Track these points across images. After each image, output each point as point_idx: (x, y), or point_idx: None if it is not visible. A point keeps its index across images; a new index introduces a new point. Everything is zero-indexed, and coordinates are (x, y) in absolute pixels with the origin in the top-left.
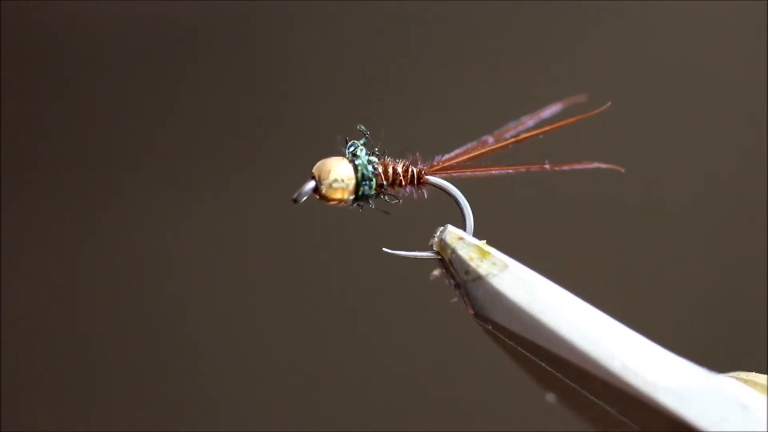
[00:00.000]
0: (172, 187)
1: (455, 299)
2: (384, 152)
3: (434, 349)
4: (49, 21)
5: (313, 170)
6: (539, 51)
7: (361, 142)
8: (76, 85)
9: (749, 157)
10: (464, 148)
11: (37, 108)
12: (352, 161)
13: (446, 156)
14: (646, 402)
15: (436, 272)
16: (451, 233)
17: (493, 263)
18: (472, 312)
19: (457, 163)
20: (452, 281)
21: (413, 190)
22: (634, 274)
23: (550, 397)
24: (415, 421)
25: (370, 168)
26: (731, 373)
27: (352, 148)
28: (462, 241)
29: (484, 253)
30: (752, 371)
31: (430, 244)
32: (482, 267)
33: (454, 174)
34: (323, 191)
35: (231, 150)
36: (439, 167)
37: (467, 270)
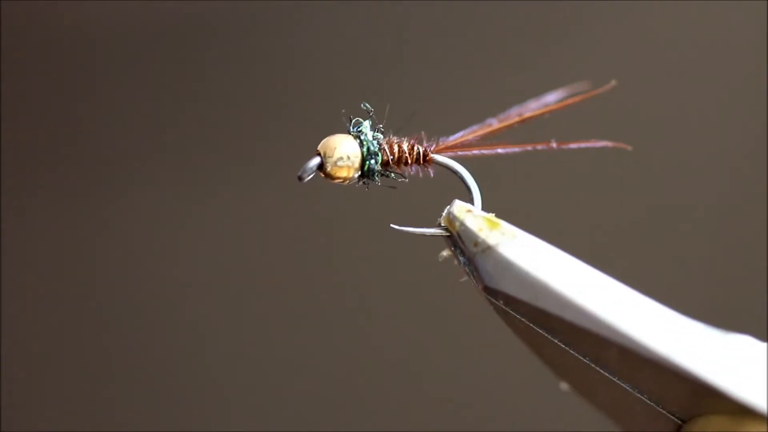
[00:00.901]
0: (174, 185)
1: (464, 278)
2: (389, 132)
3: (442, 344)
4: (50, 21)
5: (318, 147)
6: (544, 36)
7: (368, 124)
8: (77, 85)
9: (752, 134)
10: (469, 130)
11: (38, 107)
12: (357, 137)
13: (451, 138)
14: (664, 365)
15: (445, 252)
16: (459, 206)
17: (503, 233)
18: (482, 287)
19: (462, 142)
20: (461, 257)
21: (419, 169)
22: (638, 247)
23: (564, 386)
24: (424, 416)
25: (375, 143)
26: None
27: (358, 127)
28: (470, 213)
29: (493, 224)
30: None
31: (438, 222)
32: (492, 237)
33: (459, 153)
34: (328, 169)
35: (233, 146)
36: (444, 146)
37: (476, 241)
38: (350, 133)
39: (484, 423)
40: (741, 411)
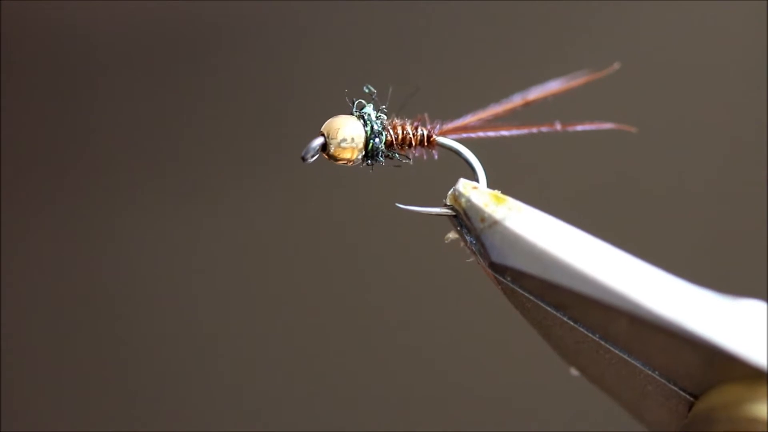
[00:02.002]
0: (178, 188)
1: (471, 259)
2: (392, 114)
3: (452, 339)
4: (50, 21)
5: (322, 128)
6: (549, 22)
7: (372, 105)
8: (78, 87)
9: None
10: (472, 114)
11: (42, 109)
12: (360, 117)
13: (455, 122)
14: (675, 331)
15: (451, 234)
16: (465, 183)
17: (509, 208)
18: (489, 263)
19: (465, 125)
20: (468, 236)
21: (423, 151)
22: (642, 228)
23: (574, 372)
24: (431, 413)
25: (379, 123)
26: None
27: (361, 109)
28: (476, 190)
29: (499, 199)
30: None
31: (443, 202)
32: (498, 212)
33: (463, 136)
34: (332, 150)
35: (233, 151)
36: (448, 129)
37: (483, 217)
38: (353, 114)
39: (490, 415)
40: (754, 376)
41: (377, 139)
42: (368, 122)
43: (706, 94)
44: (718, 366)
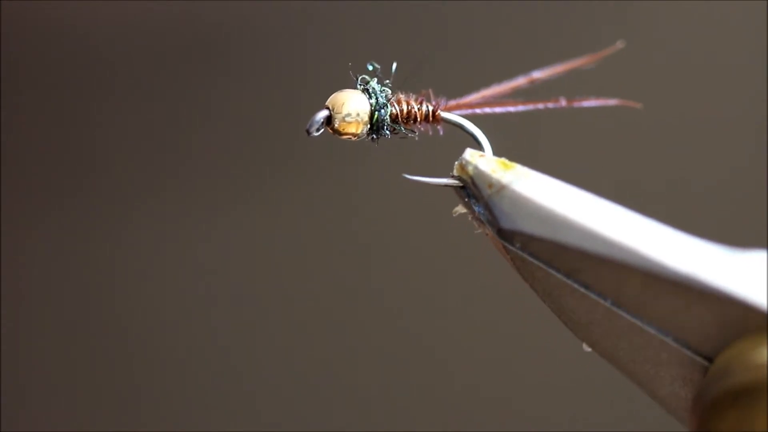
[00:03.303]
0: (176, 191)
1: (478, 230)
2: (396, 90)
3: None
4: (51, 22)
5: (327, 102)
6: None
7: (376, 80)
8: (78, 88)
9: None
10: (477, 93)
11: (39, 110)
12: (365, 91)
13: (459, 99)
14: (690, 284)
15: (459, 207)
16: (471, 152)
17: (517, 173)
18: (498, 230)
19: (470, 102)
20: (476, 206)
21: (428, 127)
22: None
23: (586, 348)
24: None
25: (383, 96)
26: None
27: (366, 84)
28: (483, 157)
29: (506, 165)
30: None
31: (450, 174)
32: (506, 177)
33: (468, 112)
34: (336, 125)
35: (240, 153)
36: (452, 105)
37: (491, 183)
38: (358, 88)
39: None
40: None
41: (382, 111)
42: (373, 95)
43: (710, 78)
44: (733, 320)
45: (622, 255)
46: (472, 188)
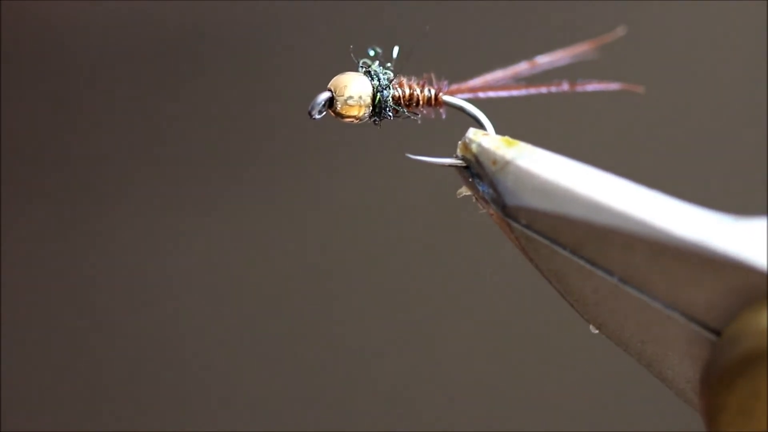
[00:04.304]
0: (171, 189)
1: (482, 210)
2: (398, 73)
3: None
4: (51, 22)
5: (329, 84)
6: None
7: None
8: (72, 87)
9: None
10: (478, 78)
11: (38, 111)
12: (367, 73)
13: (461, 84)
14: (698, 251)
15: (463, 189)
16: (475, 131)
17: (520, 149)
18: (503, 207)
19: (472, 86)
20: (480, 185)
21: (430, 110)
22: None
23: (593, 329)
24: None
25: (385, 78)
26: None
27: (368, 66)
28: (486, 136)
29: (510, 142)
30: None
31: (454, 155)
32: (510, 153)
33: (470, 96)
34: (338, 108)
35: (231, 152)
36: (455, 89)
37: (495, 159)
38: (360, 69)
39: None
40: None
41: (385, 92)
42: (375, 77)
43: (713, 60)
44: (742, 287)
45: (628, 225)
46: (476, 166)
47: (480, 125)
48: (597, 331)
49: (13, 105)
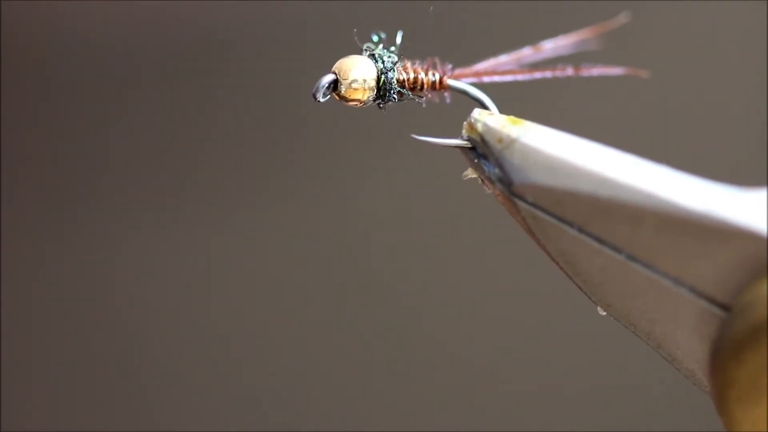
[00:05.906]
0: (177, 194)
1: (488, 191)
2: (402, 58)
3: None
4: (52, 22)
5: (334, 67)
6: None
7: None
8: (79, 90)
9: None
10: (483, 63)
11: (39, 112)
12: (371, 56)
13: (465, 69)
14: (706, 223)
15: (468, 171)
16: (480, 111)
17: (526, 127)
18: (510, 186)
19: (476, 71)
20: (486, 165)
21: (434, 93)
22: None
23: (601, 311)
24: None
25: (389, 61)
26: None
27: (372, 50)
28: (491, 115)
29: (515, 121)
30: None
31: (460, 136)
32: (515, 131)
33: (474, 80)
34: (342, 91)
35: (244, 158)
36: (459, 73)
37: (500, 138)
38: (364, 52)
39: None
40: None
41: (389, 74)
42: (379, 60)
43: (715, 53)
44: (750, 258)
45: (635, 198)
46: (481, 146)
47: (484, 109)
48: (605, 313)
49: (13, 105)
